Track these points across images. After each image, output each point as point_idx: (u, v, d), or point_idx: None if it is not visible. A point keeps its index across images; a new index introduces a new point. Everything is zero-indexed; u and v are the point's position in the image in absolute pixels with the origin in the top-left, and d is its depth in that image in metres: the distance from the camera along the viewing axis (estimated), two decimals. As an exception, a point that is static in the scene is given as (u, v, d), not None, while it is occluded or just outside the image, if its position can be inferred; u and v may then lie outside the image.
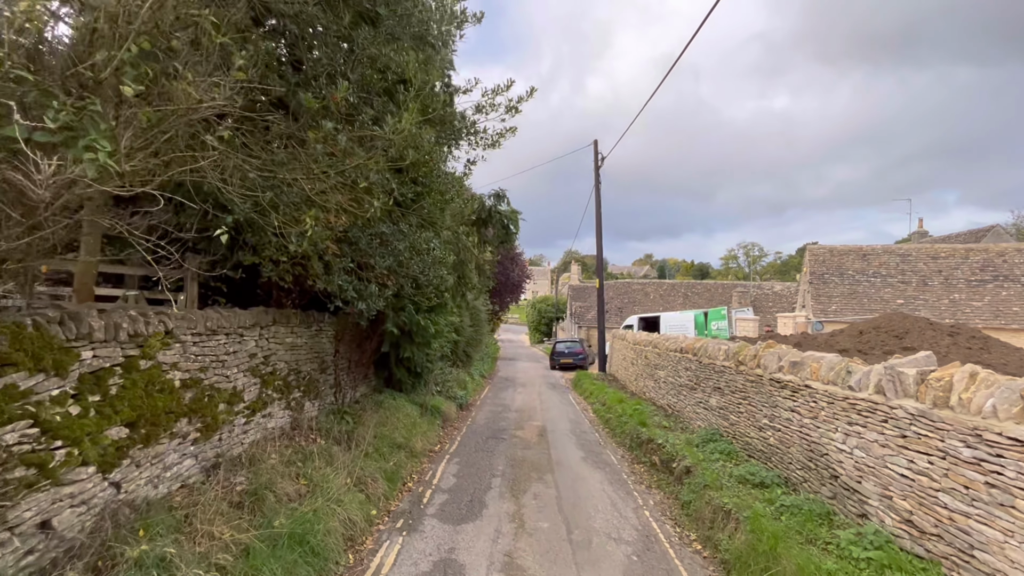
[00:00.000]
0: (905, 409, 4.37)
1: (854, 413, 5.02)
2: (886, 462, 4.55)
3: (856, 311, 23.86)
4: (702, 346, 9.49)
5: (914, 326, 13.27)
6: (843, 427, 5.15)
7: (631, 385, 15.26)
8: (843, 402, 5.18)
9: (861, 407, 4.93)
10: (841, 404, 5.21)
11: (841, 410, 5.21)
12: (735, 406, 7.74)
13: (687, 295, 33.95)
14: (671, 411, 10.94)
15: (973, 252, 24.69)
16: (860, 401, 4.95)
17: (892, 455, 4.49)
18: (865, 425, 4.85)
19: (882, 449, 4.61)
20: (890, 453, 4.51)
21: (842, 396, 5.20)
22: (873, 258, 25.43)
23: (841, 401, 5.21)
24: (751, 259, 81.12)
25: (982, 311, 22.39)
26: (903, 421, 4.39)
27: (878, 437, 4.67)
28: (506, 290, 29.91)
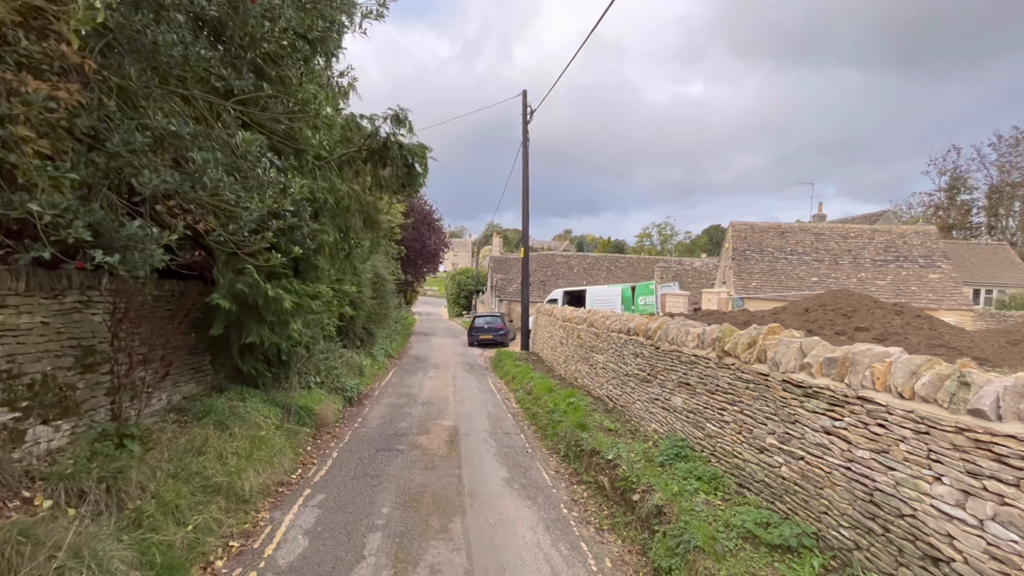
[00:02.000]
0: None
1: (985, 458, 2.83)
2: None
3: (775, 288, 23.51)
4: (660, 328, 7.24)
5: (860, 304, 12.02)
6: (956, 479, 2.96)
7: (559, 368, 13.02)
8: (955, 434, 2.98)
9: (1003, 451, 2.74)
10: (950, 437, 3.01)
11: (951, 448, 3.01)
12: (715, 412, 5.54)
13: (610, 269, 32.61)
14: (613, 405, 8.74)
15: (878, 233, 25.16)
16: (999, 440, 2.76)
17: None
18: (1020, 485, 2.67)
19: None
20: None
21: (952, 424, 3.00)
22: (791, 236, 25.21)
23: (950, 432, 3.01)
24: (663, 238, 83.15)
25: (885, 290, 22.75)
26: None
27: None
28: (421, 258, 26.71)
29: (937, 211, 43.93)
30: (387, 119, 7.40)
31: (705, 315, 14.02)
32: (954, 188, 43.16)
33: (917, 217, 43.34)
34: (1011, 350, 9.50)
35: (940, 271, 23.16)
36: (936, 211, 44.00)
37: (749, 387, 4.96)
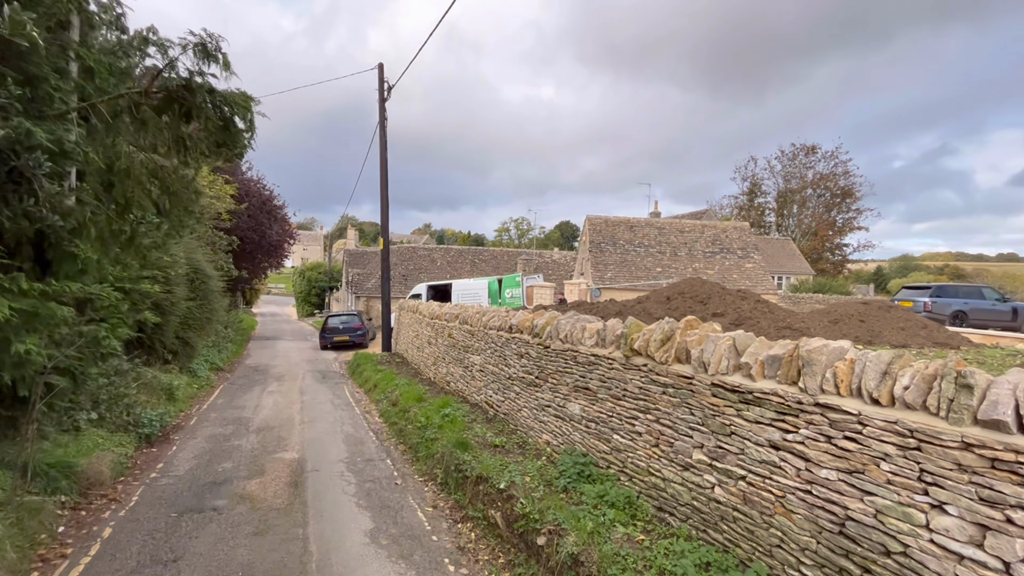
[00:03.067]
0: None
1: (1008, 482, 2.21)
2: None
3: (627, 278, 24.85)
4: (548, 324, 6.29)
5: (712, 291, 12.61)
6: (968, 508, 2.32)
7: (428, 370, 11.59)
8: (961, 451, 2.35)
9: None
10: (954, 455, 2.37)
11: (955, 468, 2.37)
12: (624, 421, 4.69)
13: (474, 262, 31.78)
14: (495, 413, 7.64)
15: (707, 228, 28.11)
16: None
17: None
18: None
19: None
20: None
21: (956, 439, 2.37)
22: (639, 230, 26.90)
23: (954, 449, 2.37)
24: (521, 232, 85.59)
25: (714, 278, 25.42)
26: None
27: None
28: (261, 252, 22.93)
29: (741, 211, 51.37)
30: (188, 48, 5.27)
31: (575, 305, 13.74)
32: (753, 192, 50.90)
33: (728, 216, 50.30)
34: (834, 328, 10.50)
35: (753, 261, 26.65)
36: (740, 211, 51.44)
37: (667, 392, 4.16)
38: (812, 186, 46.98)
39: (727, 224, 28.37)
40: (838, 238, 47.54)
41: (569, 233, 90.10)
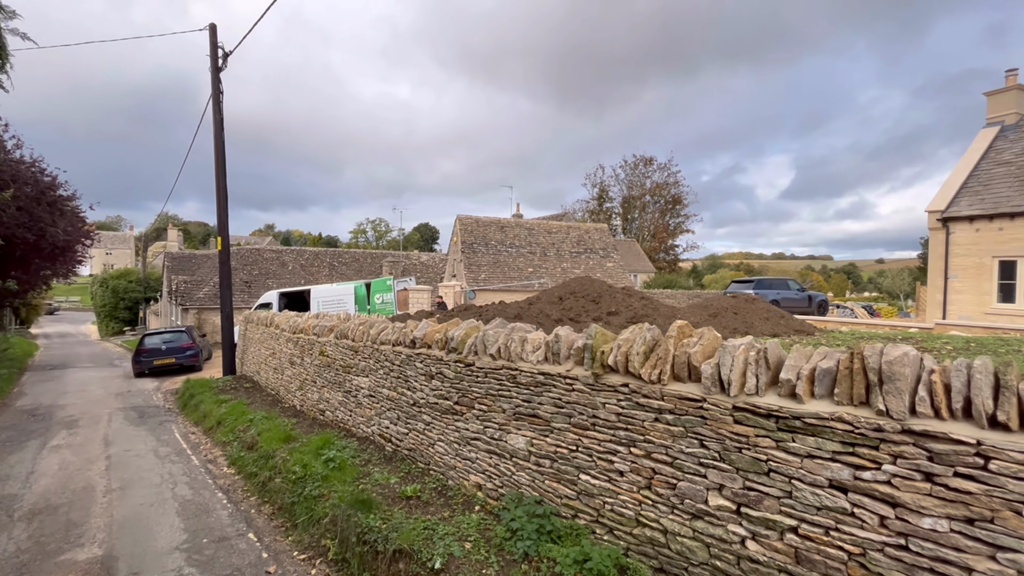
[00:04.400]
0: None
1: None
2: None
3: (501, 278, 24.35)
4: (470, 337, 5.04)
5: (602, 289, 12.43)
6: None
7: (292, 397, 9.39)
8: None
9: None
10: None
11: None
12: (596, 457, 3.67)
13: (333, 266, 28.52)
14: (395, 448, 6.11)
15: (572, 229, 29.02)
16: None
17: None
18: None
19: None
20: None
21: None
22: (509, 230, 26.63)
23: None
24: (379, 234, 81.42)
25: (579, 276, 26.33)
26: None
27: None
28: (40, 255, 17.45)
29: (592, 215, 55.07)
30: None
31: (462, 310, 12.54)
32: (601, 198, 54.93)
33: (581, 220, 53.54)
34: (715, 321, 10.91)
35: (613, 260, 28.22)
36: (591, 215, 55.13)
37: (662, 419, 3.24)
38: (650, 193, 52.24)
39: (589, 226, 29.66)
40: (671, 239, 53.63)
41: (429, 235, 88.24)
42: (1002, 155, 15.64)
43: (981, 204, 14.83)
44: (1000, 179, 15.04)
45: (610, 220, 55.36)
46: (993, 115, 16.78)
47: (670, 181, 50.95)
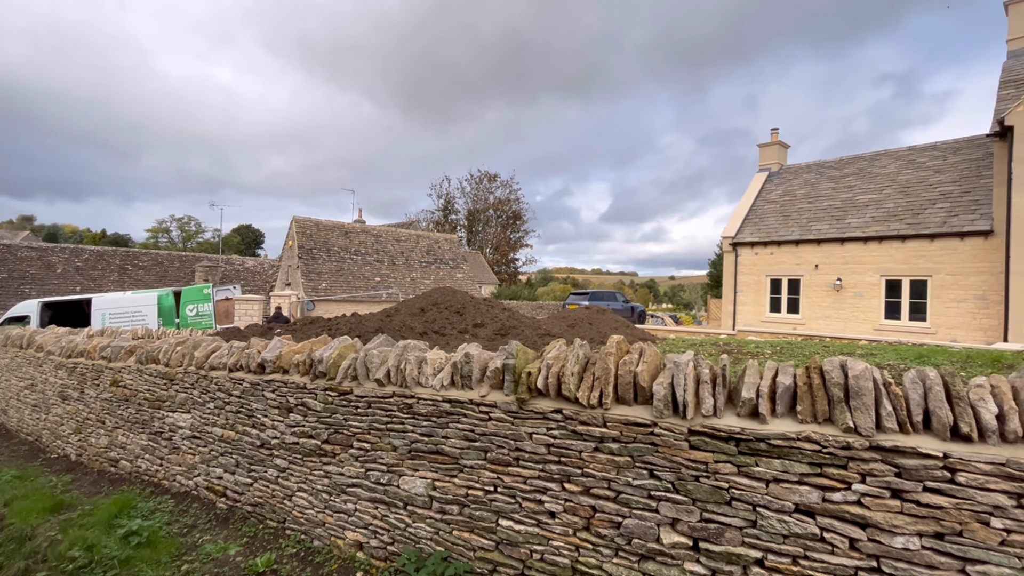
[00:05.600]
0: None
1: None
2: None
3: (345, 288, 22.23)
4: (345, 358, 4.05)
5: (466, 300, 12.03)
6: None
7: (64, 444, 6.85)
8: (1104, 493, 1.85)
9: None
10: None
11: (1099, 516, 1.86)
12: (520, 498, 3.08)
13: (126, 269, 22.86)
14: (231, 505, 4.68)
15: (421, 238, 28.11)
16: None
17: None
18: None
19: None
20: None
21: (1094, 477, 1.86)
22: (354, 236, 24.61)
23: (1094, 491, 1.86)
24: (187, 235, 69.37)
25: (429, 287, 25.57)
26: None
27: None
28: None
29: (437, 226, 54.76)
30: None
31: (307, 323, 10.85)
32: (447, 209, 54.98)
33: (427, 230, 52.77)
34: (572, 331, 11.26)
35: (463, 271, 28.08)
36: (437, 226, 54.80)
37: (605, 448, 2.82)
38: (494, 208, 53.95)
39: (440, 236, 29.12)
40: (512, 253, 56.04)
41: (252, 238, 78.15)
42: (770, 195, 19.42)
43: (758, 233, 18.14)
44: (770, 214, 18.62)
45: (455, 231, 55.65)
46: (764, 163, 20.83)
47: (512, 198, 53.32)
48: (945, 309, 13.50)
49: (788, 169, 19.98)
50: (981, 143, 14.78)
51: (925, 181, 15.13)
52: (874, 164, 17.15)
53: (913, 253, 14.08)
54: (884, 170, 16.57)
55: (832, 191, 17.30)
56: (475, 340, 9.48)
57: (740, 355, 7.44)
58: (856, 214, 15.75)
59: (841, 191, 17.01)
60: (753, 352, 7.61)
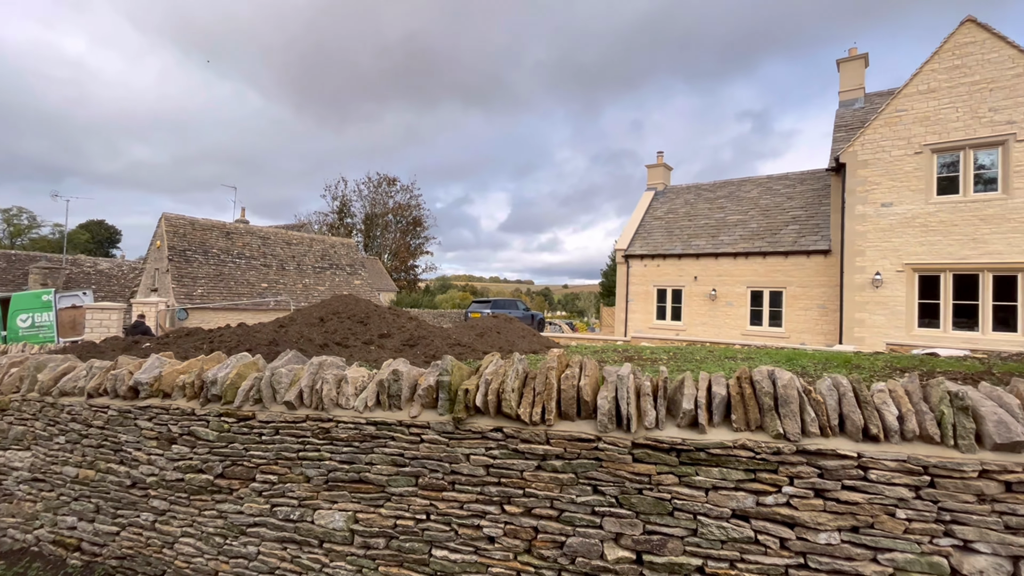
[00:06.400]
0: None
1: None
2: None
3: (225, 295, 19.87)
4: (246, 379, 3.53)
5: (369, 309, 11.45)
6: (1000, 542, 2.11)
7: None
8: (981, 480, 2.14)
9: None
10: (977, 486, 2.14)
11: (975, 500, 2.14)
12: (459, 523, 2.86)
13: (-75, 270, 18.24)
14: (89, 562, 3.80)
15: (315, 242, 26.23)
16: None
17: None
18: (1090, 529, 2.04)
19: None
20: None
21: (974, 468, 2.14)
22: (237, 237, 22.19)
23: (972, 480, 2.14)
24: (16, 229, 57.95)
25: (325, 294, 23.93)
26: None
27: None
28: None
29: (332, 229, 51.74)
30: None
31: (182, 336, 9.42)
32: (343, 212, 52.17)
33: (321, 233, 49.52)
34: (482, 340, 11.20)
35: (361, 278, 26.70)
36: (331, 229, 51.77)
37: (548, 465, 2.73)
38: (393, 213, 52.28)
39: (335, 240, 27.42)
40: (412, 260, 54.68)
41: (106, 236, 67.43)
42: (656, 212, 21.12)
43: (647, 247, 19.60)
44: (656, 230, 20.23)
45: (350, 235, 52.98)
46: (651, 182, 22.62)
47: (412, 203, 52.13)
48: (796, 316, 15.63)
49: (672, 189, 21.89)
50: (821, 176, 17.46)
51: (780, 206, 17.46)
52: (741, 188, 19.44)
53: (772, 268, 16.13)
54: (749, 194, 18.84)
55: (708, 211, 19.26)
56: (382, 352, 9.01)
57: (641, 361, 7.83)
58: (728, 232, 17.68)
59: (715, 211, 19.00)
60: (651, 358, 8.10)
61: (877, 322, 12.92)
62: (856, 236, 13.26)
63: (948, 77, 12.07)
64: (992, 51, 11.53)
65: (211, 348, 7.67)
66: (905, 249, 12.58)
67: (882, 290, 12.86)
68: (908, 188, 12.55)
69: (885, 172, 12.90)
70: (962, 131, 11.83)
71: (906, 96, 12.62)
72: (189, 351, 7.25)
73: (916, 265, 12.42)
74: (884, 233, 12.88)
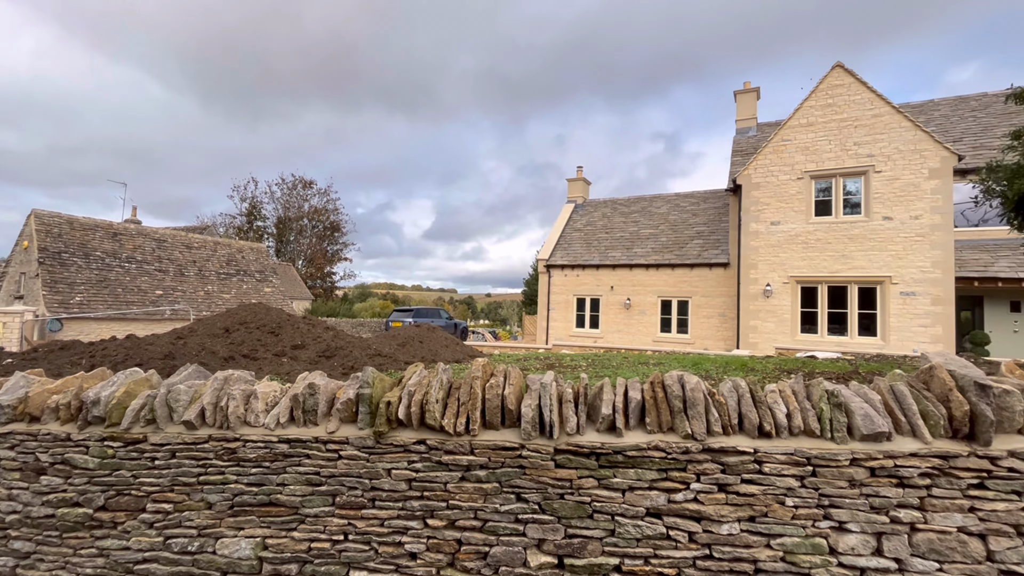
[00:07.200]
0: None
1: (889, 485, 2.40)
2: None
3: (111, 303, 17.64)
4: (135, 396, 3.16)
5: (282, 319, 10.82)
6: (867, 522, 2.39)
7: None
8: (851, 468, 2.43)
9: (907, 473, 2.41)
10: (848, 473, 2.43)
11: (848, 485, 2.42)
12: (379, 541, 2.73)
13: None
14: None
15: (220, 246, 24.17)
16: (901, 463, 2.41)
17: None
18: (924, 506, 2.38)
19: None
20: None
21: (846, 456, 2.43)
22: (127, 239, 19.86)
23: (845, 467, 2.43)
24: None
25: (231, 302, 22.12)
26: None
27: None
28: None
29: (240, 232, 48.10)
30: None
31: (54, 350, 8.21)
32: (252, 214, 48.68)
33: (228, 237, 45.78)
34: (403, 350, 10.95)
35: (272, 285, 24.99)
36: (239, 232, 48.11)
37: (472, 476, 2.71)
38: (308, 217, 49.65)
39: (243, 244, 25.47)
40: (329, 267, 52.18)
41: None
42: (576, 224, 21.93)
43: (567, 257, 20.27)
44: (576, 241, 21.00)
45: (261, 239, 49.55)
46: (571, 195, 23.47)
47: (330, 207, 49.87)
48: (700, 323, 16.90)
49: (590, 202, 22.86)
50: (722, 195, 19.12)
51: (687, 222, 18.87)
52: (652, 204, 20.75)
53: (679, 279, 17.34)
54: (659, 210, 20.16)
55: (623, 224, 20.34)
56: (296, 364, 8.51)
57: (562, 368, 8.05)
58: (641, 245, 18.77)
59: (630, 225, 20.11)
60: (572, 365, 8.36)
61: (768, 328, 14.33)
62: (750, 251, 14.66)
63: (823, 113, 13.79)
64: (856, 93, 13.36)
65: (92, 364, 6.83)
66: (790, 263, 14.11)
67: (772, 300, 14.29)
68: (792, 209, 14.12)
69: (774, 194, 14.42)
70: (834, 161, 13.55)
71: (790, 128, 14.23)
72: (64, 367, 6.39)
73: (799, 277, 13.96)
74: (773, 249, 14.36)
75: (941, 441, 2.43)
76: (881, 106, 12.97)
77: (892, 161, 12.66)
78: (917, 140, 12.39)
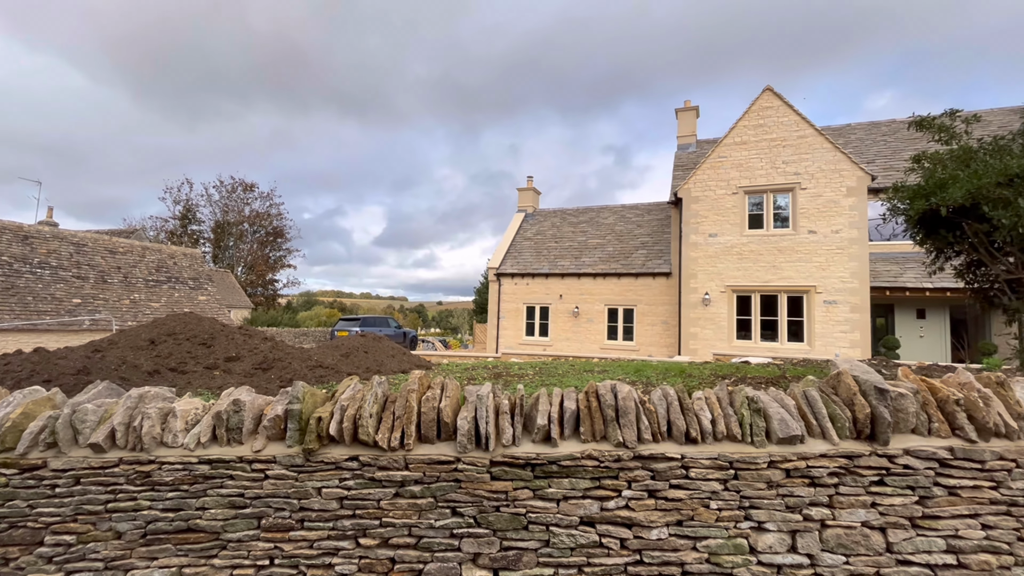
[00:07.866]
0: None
1: (802, 485, 2.56)
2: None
3: (18, 313, 16.01)
4: (33, 418, 2.88)
5: (215, 329, 10.26)
6: (783, 520, 2.53)
7: None
8: (769, 470, 2.57)
9: (817, 474, 2.57)
10: (766, 475, 2.56)
11: (766, 487, 2.56)
12: (307, 565, 2.61)
13: None
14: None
15: (149, 251, 22.57)
16: (813, 464, 2.58)
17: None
18: (833, 503, 2.55)
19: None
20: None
21: (765, 459, 2.57)
22: (41, 243, 18.17)
23: (764, 469, 2.56)
24: None
25: (161, 311, 20.67)
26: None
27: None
28: None
29: (172, 236, 45.24)
30: None
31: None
32: (187, 218, 45.90)
33: (156, 240, 42.87)
34: (347, 361, 10.63)
35: (207, 293, 23.59)
36: (171, 236, 45.23)
37: (406, 492, 2.65)
38: (249, 222, 47.39)
39: (175, 249, 23.92)
40: (271, 274, 49.93)
41: None
42: (526, 233, 22.17)
43: (517, 266, 20.43)
44: (526, 250, 21.21)
45: (196, 244, 46.79)
46: (522, 205, 23.72)
47: (272, 212, 47.84)
48: (644, 331, 17.47)
49: (540, 212, 23.17)
50: (664, 207, 19.92)
51: (632, 232, 19.50)
52: (600, 215, 21.31)
53: (625, 288, 17.87)
54: (606, 221, 20.73)
55: (572, 234, 20.75)
56: (229, 377, 8.09)
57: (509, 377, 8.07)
58: (589, 254, 19.21)
59: (578, 235, 20.54)
60: (519, 374, 8.39)
61: (707, 335, 15.00)
62: (690, 261, 15.34)
63: (755, 133, 14.71)
64: (784, 116, 14.36)
65: (25, 373, 6.20)
66: (727, 273, 14.88)
67: (710, 308, 14.99)
68: (728, 222, 14.92)
69: (711, 208, 15.19)
70: (765, 178, 14.47)
71: (726, 145, 15.08)
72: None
73: (734, 287, 14.75)
74: (711, 259, 15.09)
75: (847, 442, 2.62)
76: (806, 128, 13.98)
77: (815, 179, 13.65)
78: (837, 160, 13.44)
